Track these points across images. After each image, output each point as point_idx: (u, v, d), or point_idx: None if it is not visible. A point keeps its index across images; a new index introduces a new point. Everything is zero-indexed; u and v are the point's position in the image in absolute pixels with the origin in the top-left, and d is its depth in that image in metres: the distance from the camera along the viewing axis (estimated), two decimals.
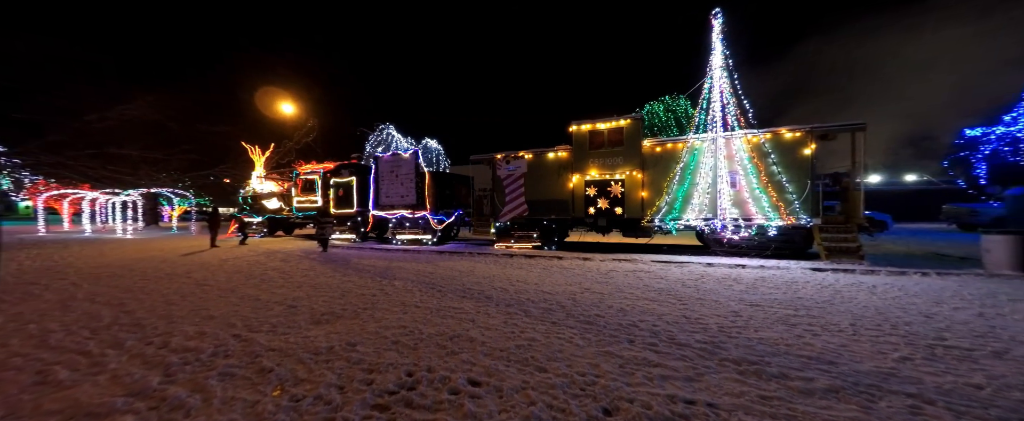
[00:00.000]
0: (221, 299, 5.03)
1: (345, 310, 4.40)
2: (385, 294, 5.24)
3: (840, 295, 4.98)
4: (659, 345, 3.17)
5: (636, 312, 4.22)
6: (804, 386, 2.41)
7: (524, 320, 3.93)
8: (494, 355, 2.99)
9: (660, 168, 9.13)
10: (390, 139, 24.13)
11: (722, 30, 8.36)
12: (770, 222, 8.07)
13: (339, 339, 3.39)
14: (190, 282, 6.27)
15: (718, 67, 8.38)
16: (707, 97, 8.53)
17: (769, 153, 8.07)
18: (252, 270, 7.47)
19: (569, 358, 2.90)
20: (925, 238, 12.55)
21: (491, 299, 4.90)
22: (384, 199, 12.96)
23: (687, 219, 8.79)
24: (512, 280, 6.23)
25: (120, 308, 4.61)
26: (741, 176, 8.31)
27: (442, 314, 4.20)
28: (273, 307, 4.59)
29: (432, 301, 4.81)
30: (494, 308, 4.43)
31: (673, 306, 4.49)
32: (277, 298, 5.05)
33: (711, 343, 3.20)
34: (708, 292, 5.23)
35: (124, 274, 7.10)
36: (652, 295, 5.07)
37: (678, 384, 2.47)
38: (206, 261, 8.86)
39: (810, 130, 7.83)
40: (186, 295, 5.28)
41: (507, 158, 10.92)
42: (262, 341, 3.36)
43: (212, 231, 12.43)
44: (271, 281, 6.30)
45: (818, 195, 7.80)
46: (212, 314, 4.29)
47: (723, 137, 8.39)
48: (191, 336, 3.53)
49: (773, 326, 3.70)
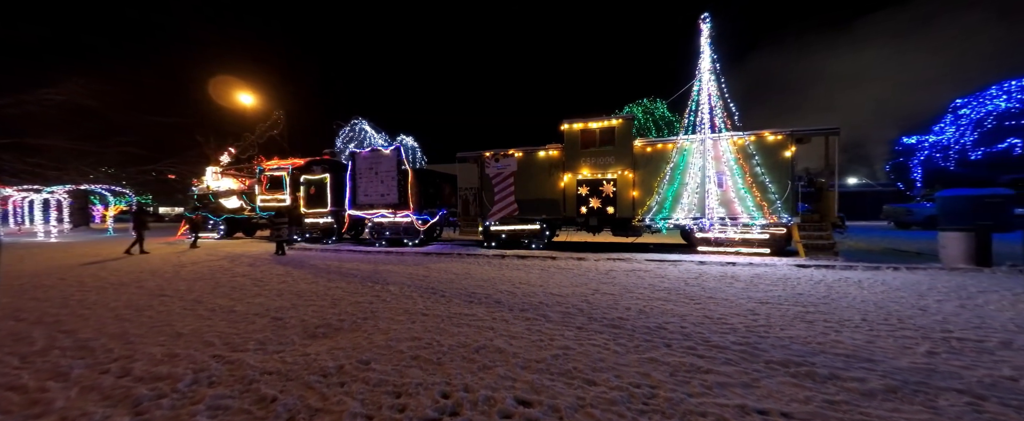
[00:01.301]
0: (187, 312, 4.33)
1: (342, 321, 3.92)
2: (383, 301, 4.77)
3: (834, 291, 5.19)
4: (698, 348, 3.05)
5: (656, 314, 4.11)
6: (861, 387, 2.36)
7: (547, 326, 3.68)
8: (532, 368, 2.71)
9: (651, 168, 9.24)
10: (363, 135, 22.95)
11: (710, 34, 8.60)
12: (754, 220, 8.40)
13: (347, 356, 2.96)
14: (143, 292, 5.41)
15: (706, 70, 8.61)
16: (696, 99, 8.74)
17: (753, 154, 8.40)
18: (217, 277, 6.63)
19: (614, 367, 2.70)
20: (873, 235, 13.77)
21: (501, 304, 4.60)
22: (362, 198, 12.18)
23: (677, 218, 8.97)
24: (515, 282, 5.96)
25: (56, 326, 3.82)
26: (727, 176, 8.59)
27: (455, 322, 3.85)
28: (254, 320, 4.01)
29: (439, 308, 4.43)
30: (509, 314, 4.15)
31: (689, 306, 4.44)
32: (256, 309, 4.44)
33: (746, 344, 3.13)
34: (713, 290, 5.26)
35: (54, 284, 6.03)
36: (662, 295, 5.02)
37: (739, 392, 2.34)
38: (158, 267, 7.79)
39: (790, 133, 8.23)
40: (141, 308, 4.51)
41: (496, 156, 10.62)
42: (252, 362, 2.86)
43: (138, 234, 10.31)
44: (243, 289, 5.59)
45: (797, 195, 8.23)
46: (179, 331, 3.65)
47: (711, 138, 8.63)
48: (159, 360, 2.94)
49: (794, 323, 3.72)
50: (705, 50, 8.63)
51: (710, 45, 8.60)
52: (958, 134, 14.60)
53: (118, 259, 9.27)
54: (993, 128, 13.87)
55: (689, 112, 8.85)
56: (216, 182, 16.23)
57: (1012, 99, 14.02)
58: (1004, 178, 14.65)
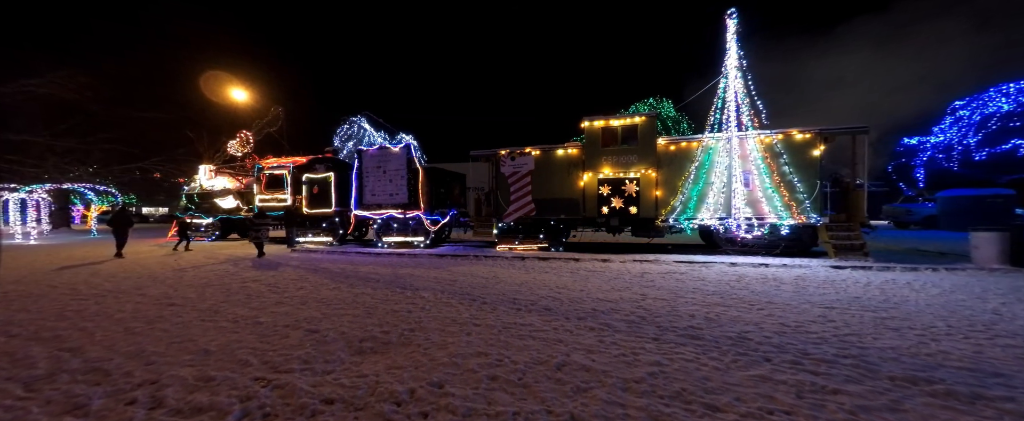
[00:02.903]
0: (206, 324, 3.87)
1: (387, 334, 3.53)
2: (422, 309, 4.38)
3: (889, 294, 4.99)
4: (803, 363, 2.75)
5: (726, 321, 3.82)
6: (1019, 408, 2.10)
7: (619, 337, 3.35)
8: (634, 390, 2.38)
9: (674, 167, 9.01)
10: (362, 133, 22.24)
11: (737, 30, 8.41)
12: (782, 221, 8.24)
13: (412, 377, 2.58)
14: (148, 301, 4.90)
15: (733, 67, 8.42)
16: (722, 97, 8.54)
17: (781, 153, 8.23)
18: (226, 282, 6.12)
19: (726, 388, 2.38)
20: (881, 236, 13.84)
21: (552, 311, 4.26)
22: (369, 198, 11.68)
23: (702, 218, 8.75)
24: (552, 287, 5.62)
25: (57, 343, 3.33)
26: (754, 176, 8.41)
27: (515, 333, 3.49)
28: (286, 333, 3.58)
29: (487, 316, 4.06)
30: (568, 323, 3.81)
31: (753, 312, 4.16)
32: (283, 320, 4.00)
33: (851, 356, 2.86)
34: (764, 294, 5.01)
35: (45, 292, 5.45)
36: (716, 300, 4.74)
37: (889, 417, 2.04)
38: (156, 272, 7.21)
39: (819, 132, 8.09)
40: (152, 320, 4.02)
41: (512, 154, 10.26)
42: (304, 386, 2.46)
43: (118, 236, 9.72)
44: (260, 296, 5.12)
45: (826, 195, 8.09)
46: (205, 347, 3.21)
47: (737, 137, 8.44)
48: (193, 385, 2.51)
49: (881, 332, 3.47)
50: (731, 46, 8.43)
51: (737, 41, 8.41)
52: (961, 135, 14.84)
53: (106, 262, 8.62)
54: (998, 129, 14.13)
55: (714, 110, 8.64)
56: (210, 180, 15.48)
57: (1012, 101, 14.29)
58: (1004, 178, 14.93)
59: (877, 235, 13.50)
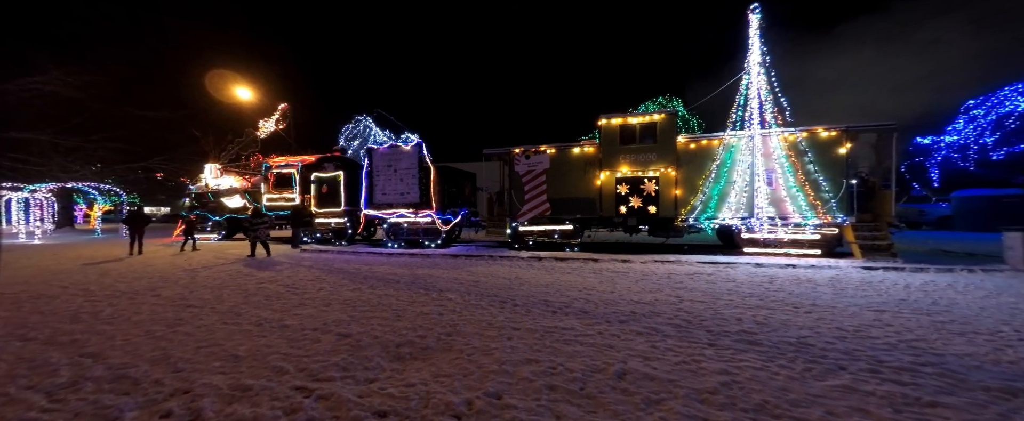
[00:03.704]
0: (229, 327, 3.69)
1: (423, 338, 3.34)
2: (453, 312, 4.19)
3: (935, 296, 4.80)
4: (882, 372, 2.56)
5: (777, 325, 3.64)
6: None
7: (674, 343, 3.16)
8: (710, 402, 2.19)
9: (694, 165, 8.82)
10: (368, 131, 22.09)
11: (760, 26, 8.22)
12: (807, 220, 8.04)
13: (465, 387, 2.39)
14: (163, 303, 4.71)
15: (755, 64, 8.23)
16: (744, 94, 8.35)
17: (805, 151, 8.04)
18: (241, 283, 5.93)
19: (811, 400, 2.19)
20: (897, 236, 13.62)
21: (590, 314, 4.07)
22: (380, 197, 11.49)
23: (723, 218, 8.56)
24: (580, 288, 5.43)
25: (76, 348, 3.14)
26: (778, 174, 8.22)
27: (559, 338, 3.30)
28: (317, 337, 3.39)
29: (524, 320, 3.88)
30: (610, 326, 3.62)
31: (799, 314, 3.97)
32: (310, 323, 3.82)
33: (933, 365, 2.66)
34: (804, 296, 4.82)
35: (56, 293, 5.27)
36: (755, 302, 4.55)
37: None
38: (167, 272, 7.03)
39: (845, 129, 7.90)
40: (172, 323, 3.84)
41: (527, 152, 10.08)
42: (350, 396, 2.27)
43: (134, 235, 10.29)
44: (280, 298, 4.93)
45: (853, 194, 7.90)
46: (234, 352, 3.02)
47: (760, 135, 8.25)
48: (229, 394, 2.32)
49: (947, 337, 3.28)
50: (754, 42, 8.24)
51: (760, 37, 8.22)
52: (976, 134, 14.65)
53: (115, 262, 8.44)
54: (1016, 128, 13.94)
55: (736, 107, 8.45)
56: (216, 180, 15.30)
57: None
58: (1020, 179, 14.73)
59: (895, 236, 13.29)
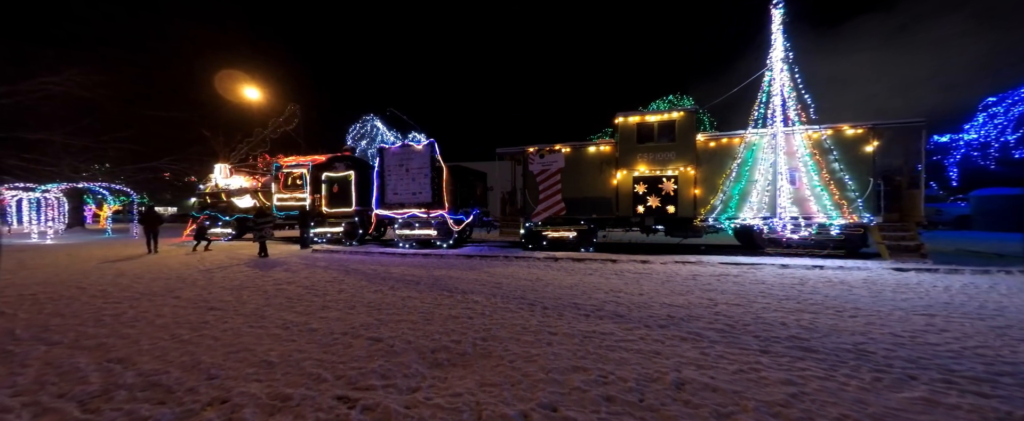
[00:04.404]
0: (257, 331, 3.58)
1: (458, 343, 3.21)
2: (483, 315, 4.06)
3: (980, 300, 4.60)
4: (959, 382, 2.40)
5: (824, 330, 3.47)
6: None
7: (723, 349, 3.01)
8: (787, 416, 2.04)
9: (714, 164, 8.64)
10: (375, 132, 22.08)
11: (783, 21, 8.02)
12: (832, 220, 7.84)
13: (516, 397, 2.26)
14: (184, 304, 4.62)
15: (778, 60, 8.03)
16: (766, 91, 8.16)
17: (830, 149, 7.84)
18: (259, 284, 5.84)
19: (894, 415, 2.04)
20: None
21: (625, 318, 3.93)
22: (391, 197, 11.39)
23: (744, 218, 8.37)
24: (608, 290, 5.28)
25: (102, 353, 3.04)
26: (801, 173, 8.02)
27: (599, 343, 3.16)
28: (348, 342, 3.27)
29: (558, 323, 3.74)
30: (650, 331, 3.47)
31: (844, 318, 3.80)
32: (337, 326, 3.70)
33: (1008, 374, 2.50)
34: (842, 299, 4.64)
35: (74, 295, 5.20)
36: (793, 305, 4.39)
37: None
38: (183, 273, 6.96)
39: (872, 127, 7.69)
40: (196, 326, 3.74)
41: (541, 151, 9.93)
42: (396, 407, 2.14)
43: (150, 234, 10.68)
44: (302, 300, 4.83)
45: (880, 193, 7.69)
46: (264, 357, 2.91)
47: (783, 132, 8.05)
48: (269, 405, 2.20)
49: (1014, 344, 3.10)
50: (777, 38, 8.04)
51: (783, 32, 8.02)
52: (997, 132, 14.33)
53: (129, 262, 8.39)
54: None
55: (758, 104, 8.25)
56: (226, 179, 15.28)
57: None
58: None
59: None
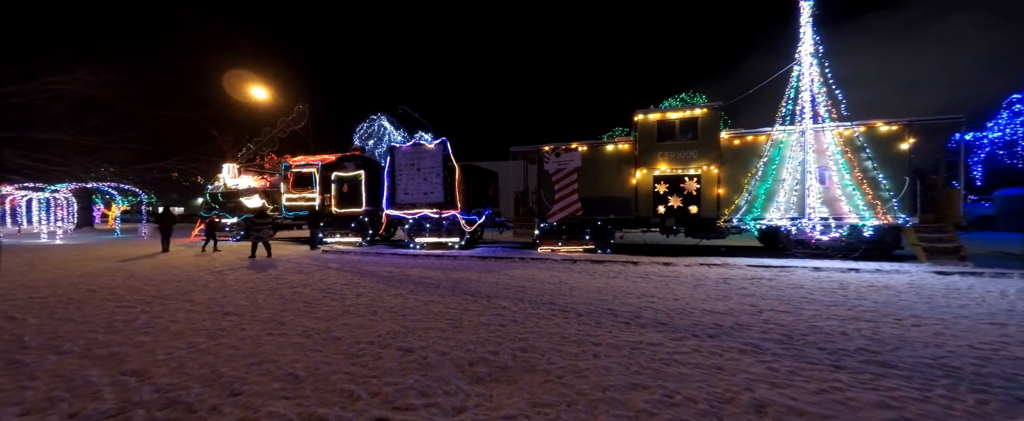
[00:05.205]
0: (276, 339, 3.35)
1: (496, 354, 2.96)
2: (515, 323, 3.81)
3: None
4: None
5: (892, 341, 3.19)
6: None
7: (792, 364, 2.74)
8: None
9: (738, 163, 8.33)
10: (382, 131, 21.90)
11: (812, 14, 7.71)
12: (864, 221, 7.52)
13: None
14: (198, 309, 4.41)
15: (807, 54, 7.72)
16: (795, 87, 7.85)
17: (863, 147, 7.52)
18: (274, 287, 5.62)
19: None
20: None
21: (668, 326, 3.66)
22: (402, 197, 11.18)
23: (770, 219, 8.06)
24: (639, 295, 5.01)
25: (116, 364, 2.83)
26: (832, 172, 7.70)
27: (650, 356, 2.89)
28: (377, 353, 3.04)
29: (598, 332, 3.48)
30: (703, 342, 3.20)
31: (907, 327, 3.51)
32: (362, 335, 3.46)
33: None
34: (894, 305, 4.34)
35: (84, 298, 5.01)
36: (844, 312, 4.09)
37: None
38: (194, 275, 6.77)
39: (908, 123, 7.36)
40: (213, 334, 3.52)
41: (557, 150, 9.67)
42: None
43: (164, 234, 10.90)
44: (320, 304, 4.60)
45: (916, 193, 7.35)
46: (291, 370, 2.68)
47: (812, 130, 7.73)
48: None
49: None
50: (805, 32, 7.73)
51: (812, 26, 7.71)
52: None
53: (139, 262, 8.23)
54: None
55: (786, 101, 7.95)
56: (234, 179, 15.16)
57: None
58: None
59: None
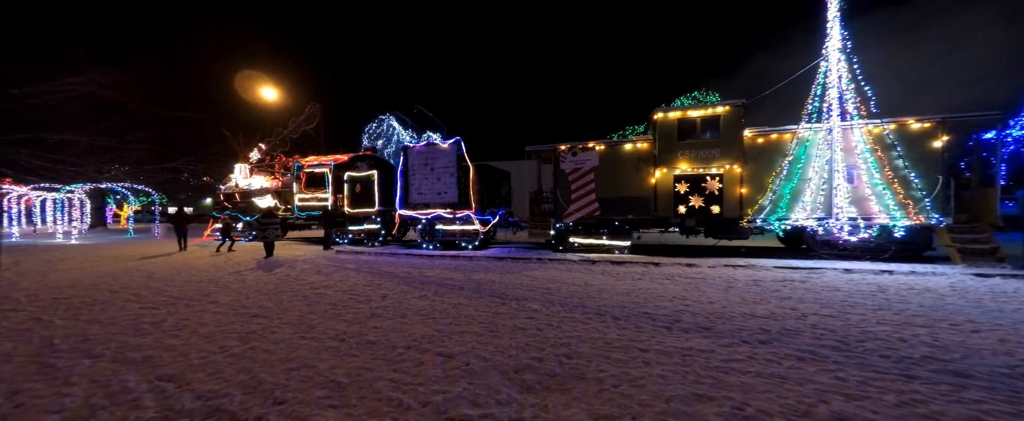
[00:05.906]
0: (309, 343, 3.26)
1: (541, 361, 2.84)
2: (550, 326, 3.69)
3: None
4: None
5: (956, 349, 3.02)
6: None
7: (859, 373, 2.58)
8: None
9: (762, 162, 8.14)
10: (391, 131, 21.89)
11: (840, 8, 7.49)
12: (895, 221, 7.29)
13: None
14: (224, 310, 4.34)
15: (834, 49, 7.51)
16: (821, 83, 7.64)
17: (893, 145, 7.30)
18: (296, 289, 5.55)
19: None
20: None
21: (712, 331, 3.51)
22: (415, 197, 11.11)
23: (795, 219, 7.86)
24: (670, 298, 4.86)
25: (153, 370, 2.74)
26: (860, 170, 7.49)
27: (704, 364, 2.76)
28: (416, 358, 2.93)
29: (642, 338, 3.34)
30: (756, 348, 3.05)
31: (965, 333, 3.33)
32: (397, 339, 3.36)
33: None
34: (941, 309, 4.16)
35: (108, 299, 4.96)
36: (894, 316, 3.92)
37: None
38: (214, 275, 6.72)
39: (941, 120, 7.13)
40: (244, 337, 3.43)
41: (573, 149, 9.53)
42: None
43: (180, 233, 11.17)
44: (346, 307, 4.51)
45: (949, 192, 7.12)
46: (332, 376, 2.57)
47: (839, 127, 7.52)
48: None
49: None
50: (833, 26, 7.52)
51: (839, 21, 7.50)
52: None
53: (154, 259, 8.22)
54: None
55: (812, 98, 7.74)
56: (246, 179, 15.19)
57: None
58: None
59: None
